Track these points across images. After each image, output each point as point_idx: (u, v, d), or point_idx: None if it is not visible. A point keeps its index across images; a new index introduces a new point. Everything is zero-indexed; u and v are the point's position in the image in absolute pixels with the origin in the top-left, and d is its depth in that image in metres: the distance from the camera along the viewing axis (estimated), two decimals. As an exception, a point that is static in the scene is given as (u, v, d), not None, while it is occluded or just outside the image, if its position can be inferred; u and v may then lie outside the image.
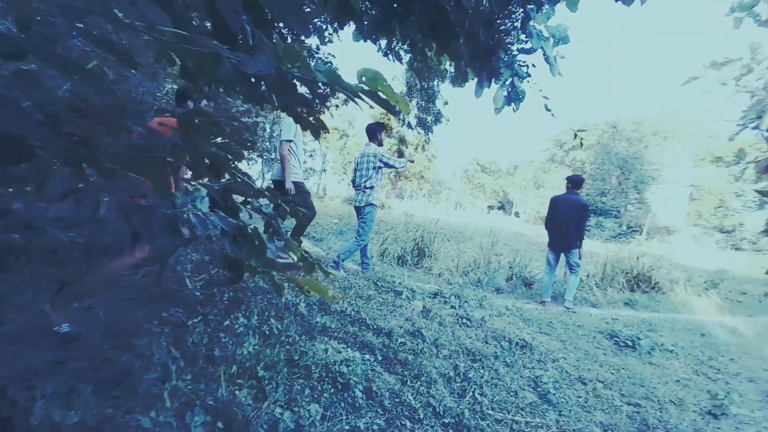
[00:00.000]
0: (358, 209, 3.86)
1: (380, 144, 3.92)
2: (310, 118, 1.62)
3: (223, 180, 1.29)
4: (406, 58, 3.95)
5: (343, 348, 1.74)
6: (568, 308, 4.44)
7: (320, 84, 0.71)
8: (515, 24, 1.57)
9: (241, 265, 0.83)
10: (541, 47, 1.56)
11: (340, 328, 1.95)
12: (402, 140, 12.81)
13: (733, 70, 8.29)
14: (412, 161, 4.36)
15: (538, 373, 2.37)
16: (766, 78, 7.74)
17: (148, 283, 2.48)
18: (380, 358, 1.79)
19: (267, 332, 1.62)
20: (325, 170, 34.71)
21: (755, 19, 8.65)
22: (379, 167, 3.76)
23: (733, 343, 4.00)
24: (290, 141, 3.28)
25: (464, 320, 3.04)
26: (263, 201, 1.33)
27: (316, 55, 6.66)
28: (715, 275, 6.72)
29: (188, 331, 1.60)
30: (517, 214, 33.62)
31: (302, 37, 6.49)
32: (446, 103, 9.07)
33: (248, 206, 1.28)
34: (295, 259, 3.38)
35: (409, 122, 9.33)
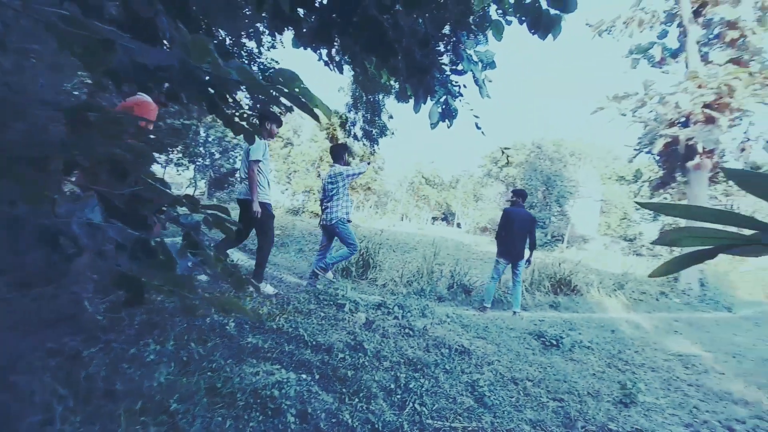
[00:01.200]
0: (328, 227, 3.93)
1: (345, 164, 4.00)
2: (243, 123, 1.52)
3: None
4: (350, 71, 3.97)
5: (276, 369, 1.62)
6: (517, 312, 4.72)
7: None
8: (448, 47, 1.67)
9: (140, 283, 0.72)
10: (471, 70, 1.67)
11: (275, 348, 1.81)
12: (349, 151, 12.93)
13: (630, 103, 9.81)
14: (369, 163, 4.55)
15: (475, 377, 2.45)
16: (656, 111, 9.27)
17: (40, 306, 2.09)
18: (317, 376, 1.70)
19: (185, 359, 1.44)
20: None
21: (649, 60, 10.45)
22: (345, 185, 3.86)
23: (637, 336, 4.58)
24: (259, 161, 3.22)
25: (407, 330, 3.05)
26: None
27: (257, 60, 6.42)
28: (621, 278, 7.72)
29: (83, 363, 1.36)
30: (459, 225, 35.43)
31: (244, 41, 6.21)
32: (391, 116, 9.34)
33: (162, 216, 1.14)
34: (269, 291, 3.08)
35: (355, 134, 9.39)
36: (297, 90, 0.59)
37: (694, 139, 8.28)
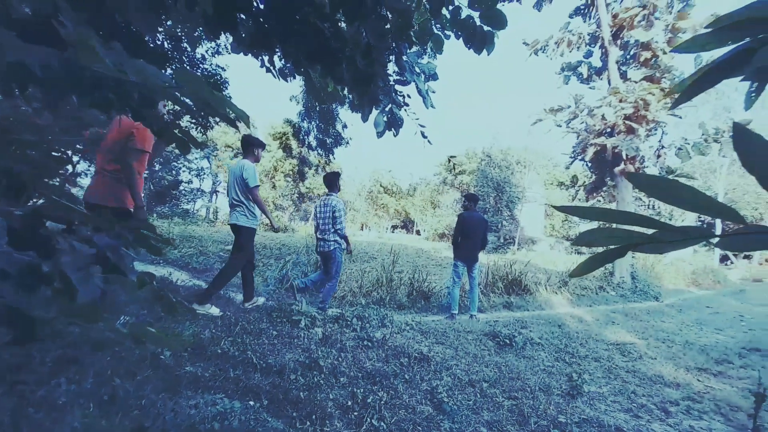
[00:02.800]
0: (324, 254, 4.10)
1: (338, 189, 4.23)
2: (176, 131, 1.40)
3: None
4: (300, 79, 3.91)
5: (219, 399, 1.48)
6: (474, 315, 4.84)
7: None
8: (391, 57, 1.70)
9: (30, 319, 0.61)
10: (414, 81, 1.72)
11: (218, 375, 1.67)
12: (304, 161, 12.49)
13: (564, 115, 10.76)
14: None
15: (434, 384, 2.45)
16: (586, 122, 10.25)
17: None
18: (266, 402, 1.59)
19: (107, 397, 1.26)
20: (216, 192, 31.42)
21: (578, 77, 11.60)
22: (339, 216, 4.03)
23: (581, 330, 4.91)
24: (258, 186, 3.44)
25: (365, 342, 3.00)
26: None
27: (200, 66, 6.08)
28: (565, 275, 8.30)
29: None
30: (418, 233, 36.10)
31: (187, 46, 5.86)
32: (345, 126, 9.28)
33: (71, 235, 1.00)
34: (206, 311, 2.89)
35: (309, 143, 9.20)
36: (203, 95, 0.54)
37: (618, 147, 9.26)
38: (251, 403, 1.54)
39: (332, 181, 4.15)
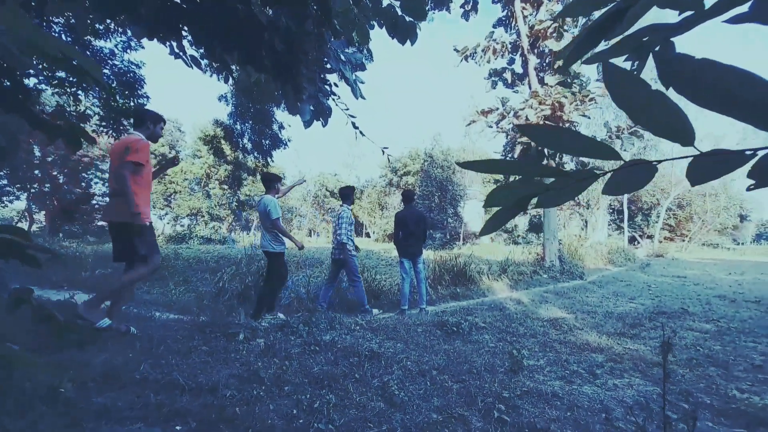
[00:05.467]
0: (337, 261, 4.71)
1: (352, 203, 4.76)
2: (62, 124, 1.23)
3: None
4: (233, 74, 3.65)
5: (136, 429, 1.29)
6: (423, 308, 4.92)
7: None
8: (315, 45, 1.65)
9: None
10: (340, 69, 1.68)
11: (136, 402, 1.45)
12: (240, 165, 11.69)
13: (494, 117, 11.60)
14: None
15: (385, 379, 2.43)
16: (513, 123, 11.15)
17: None
18: (195, 424, 1.41)
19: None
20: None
21: (503, 82, 12.60)
22: (350, 224, 4.65)
23: (519, 311, 5.27)
24: (279, 218, 3.98)
25: (313, 347, 2.87)
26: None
27: (109, 61, 5.35)
28: (504, 264, 8.93)
29: None
30: (368, 235, 36.23)
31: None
32: (282, 126, 8.89)
33: None
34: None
35: (244, 145, 8.65)
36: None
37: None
38: (177, 428, 1.37)
39: (344, 194, 4.73)
